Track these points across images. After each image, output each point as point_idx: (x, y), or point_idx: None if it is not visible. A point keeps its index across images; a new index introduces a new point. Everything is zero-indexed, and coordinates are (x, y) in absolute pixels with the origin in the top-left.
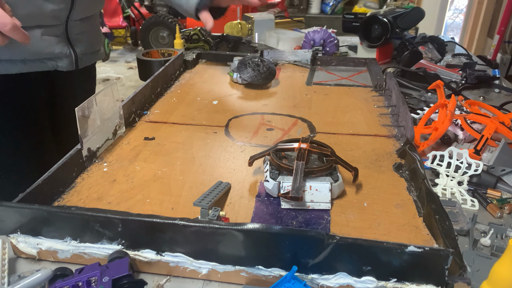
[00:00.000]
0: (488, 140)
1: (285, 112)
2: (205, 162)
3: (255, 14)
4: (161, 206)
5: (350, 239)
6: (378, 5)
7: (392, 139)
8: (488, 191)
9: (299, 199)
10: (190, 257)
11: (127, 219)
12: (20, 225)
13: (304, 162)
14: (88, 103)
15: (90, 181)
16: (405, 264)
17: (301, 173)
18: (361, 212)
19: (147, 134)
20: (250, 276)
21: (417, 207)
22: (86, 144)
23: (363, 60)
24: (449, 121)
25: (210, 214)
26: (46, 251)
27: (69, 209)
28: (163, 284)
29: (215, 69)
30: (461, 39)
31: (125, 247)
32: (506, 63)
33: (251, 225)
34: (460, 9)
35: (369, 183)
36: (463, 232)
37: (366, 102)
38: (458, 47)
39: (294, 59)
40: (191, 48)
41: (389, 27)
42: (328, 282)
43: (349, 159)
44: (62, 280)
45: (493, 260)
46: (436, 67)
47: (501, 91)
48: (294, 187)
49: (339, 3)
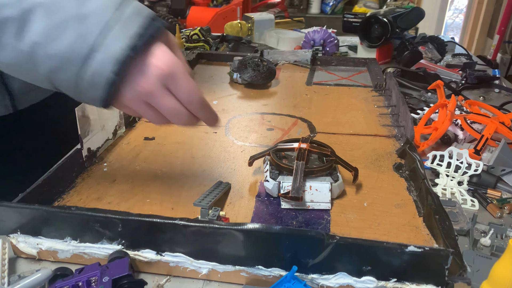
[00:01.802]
0: (488, 140)
1: (285, 112)
2: (205, 162)
3: (255, 14)
4: (161, 206)
5: (350, 239)
6: (378, 5)
7: (392, 139)
8: (488, 191)
9: (299, 199)
10: (190, 257)
11: (127, 219)
12: (20, 225)
13: (304, 162)
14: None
15: (90, 181)
16: (405, 264)
17: (301, 173)
18: (361, 212)
19: (147, 134)
20: (250, 276)
21: (417, 207)
22: (86, 144)
23: (363, 60)
24: (449, 121)
25: (210, 214)
26: (46, 251)
27: (69, 209)
28: (163, 284)
29: (215, 69)
30: (461, 39)
31: (125, 247)
32: (506, 63)
33: (251, 225)
34: (460, 9)
35: (369, 183)
36: (463, 232)
37: (366, 102)
38: (458, 47)
39: (294, 59)
40: (191, 48)
41: (389, 27)
42: (328, 282)
43: (349, 159)
44: (62, 280)
45: (493, 260)
46: (436, 67)
47: (501, 91)
48: (294, 187)
49: (339, 3)
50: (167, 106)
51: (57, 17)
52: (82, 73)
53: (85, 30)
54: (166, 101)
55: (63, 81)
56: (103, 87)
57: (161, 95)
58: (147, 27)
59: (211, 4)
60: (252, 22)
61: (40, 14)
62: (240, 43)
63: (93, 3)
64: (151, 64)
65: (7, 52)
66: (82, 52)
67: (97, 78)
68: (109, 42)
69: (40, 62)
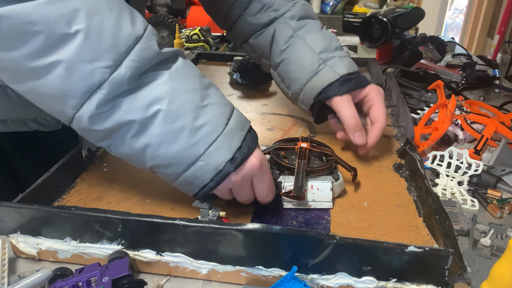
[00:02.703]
0: (488, 140)
1: (285, 112)
2: None
3: None
4: (161, 206)
5: (350, 239)
6: (378, 5)
7: (392, 139)
8: (488, 191)
9: (301, 198)
10: (190, 257)
11: (127, 219)
12: (20, 225)
13: (306, 161)
14: None
15: (90, 181)
16: (405, 264)
17: (303, 172)
18: (361, 212)
19: None
20: (250, 276)
21: (417, 207)
22: (86, 144)
23: (363, 60)
24: (449, 121)
25: (210, 214)
26: (46, 251)
27: (69, 209)
28: (163, 284)
29: (215, 69)
30: (461, 39)
31: (125, 247)
32: (506, 63)
33: (251, 225)
34: (460, 9)
35: (369, 183)
36: (463, 232)
37: None
38: (458, 47)
39: None
40: (191, 48)
41: (389, 27)
42: (328, 282)
43: (349, 159)
44: (62, 280)
45: (493, 260)
46: (436, 67)
47: (501, 91)
48: (297, 186)
49: (339, 3)
50: (245, 194)
51: (174, 126)
52: (183, 174)
53: (195, 141)
54: (246, 190)
55: (164, 174)
56: (199, 188)
57: (246, 185)
58: (246, 140)
59: None
60: None
61: (159, 121)
62: None
63: (207, 116)
64: (246, 163)
65: (124, 147)
66: (188, 160)
67: (196, 180)
68: (213, 153)
69: (148, 158)
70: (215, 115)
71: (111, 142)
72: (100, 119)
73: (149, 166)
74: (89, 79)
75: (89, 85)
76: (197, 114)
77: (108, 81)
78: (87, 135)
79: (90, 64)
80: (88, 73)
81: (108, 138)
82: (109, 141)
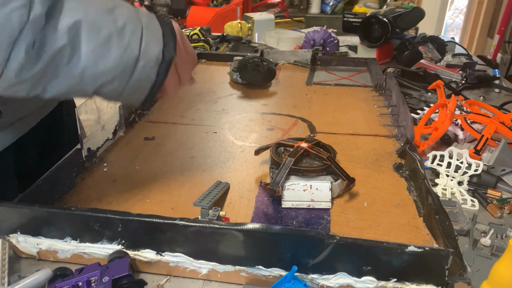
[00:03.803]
0: (488, 140)
1: (285, 112)
2: (205, 162)
3: (255, 14)
4: (161, 206)
5: (350, 239)
6: (378, 5)
7: (392, 139)
8: (488, 191)
9: (276, 192)
10: (190, 257)
11: (127, 219)
12: (20, 225)
13: (294, 159)
14: (88, 103)
15: (90, 181)
16: (405, 264)
17: (286, 169)
18: (361, 212)
19: (147, 134)
20: (250, 276)
21: (417, 207)
22: (86, 144)
23: (363, 60)
24: (449, 121)
25: (210, 214)
26: (46, 251)
27: (69, 209)
28: (163, 284)
29: (215, 69)
30: (461, 39)
31: (125, 247)
32: (506, 63)
33: (251, 225)
34: (460, 9)
35: (369, 183)
36: (463, 232)
37: (366, 102)
38: (458, 47)
39: (294, 59)
40: None
41: (389, 27)
42: (328, 282)
43: (349, 159)
44: (62, 280)
45: (493, 260)
46: (436, 67)
47: (501, 91)
48: (275, 179)
49: (339, 3)
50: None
51: (101, 36)
52: (129, 82)
53: (127, 42)
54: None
55: (108, 93)
56: (148, 89)
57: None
58: (162, 25)
59: (211, 4)
60: (252, 22)
61: (85, 36)
62: (240, 43)
63: (122, 16)
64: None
65: (61, 81)
66: (129, 64)
67: (143, 83)
68: (147, 48)
69: (89, 82)
70: (128, 12)
71: (45, 83)
72: (30, 62)
73: (93, 90)
74: (7, 26)
75: (10, 32)
76: (114, 17)
77: (29, 22)
78: (16, 90)
79: (3, 7)
80: (4, 19)
81: (41, 80)
82: (43, 84)
